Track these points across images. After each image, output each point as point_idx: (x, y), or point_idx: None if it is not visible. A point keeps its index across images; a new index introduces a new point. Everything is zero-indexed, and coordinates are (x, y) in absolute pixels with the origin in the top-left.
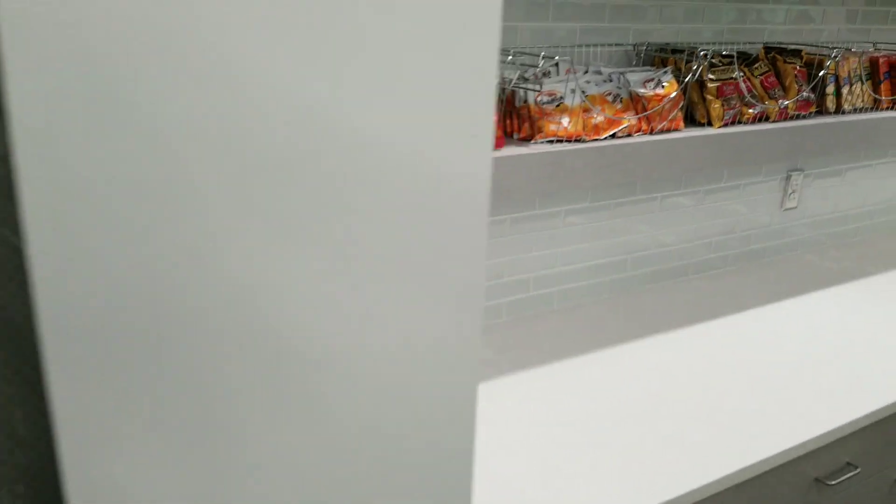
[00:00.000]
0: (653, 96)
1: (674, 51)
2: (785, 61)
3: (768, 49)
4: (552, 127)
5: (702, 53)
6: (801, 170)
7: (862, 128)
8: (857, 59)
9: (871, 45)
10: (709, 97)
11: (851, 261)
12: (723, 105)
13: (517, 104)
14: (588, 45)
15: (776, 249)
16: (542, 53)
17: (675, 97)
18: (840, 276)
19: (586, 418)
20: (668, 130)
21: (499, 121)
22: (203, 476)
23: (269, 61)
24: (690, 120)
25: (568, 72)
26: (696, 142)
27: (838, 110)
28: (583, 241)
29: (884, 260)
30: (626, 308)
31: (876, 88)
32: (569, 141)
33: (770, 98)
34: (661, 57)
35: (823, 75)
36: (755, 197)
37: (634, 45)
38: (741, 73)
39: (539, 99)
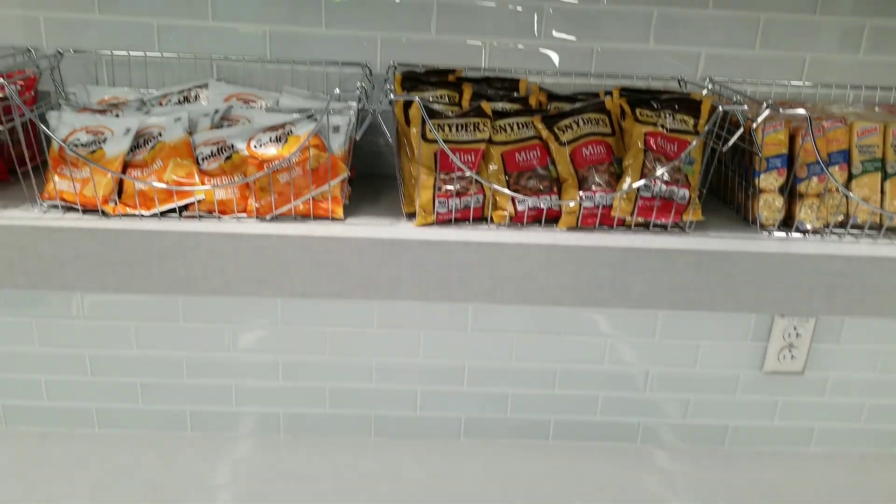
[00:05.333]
0: (247, 158)
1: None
2: (636, 117)
3: (625, 92)
4: (63, 185)
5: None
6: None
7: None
8: (879, 124)
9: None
10: (423, 172)
11: None
12: (438, 187)
13: (46, 142)
14: (281, 62)
15: (746, 438)
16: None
17: (301, 160)
18: None
19: None
20: (305, 217)
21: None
22: None
23: None
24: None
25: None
26: (331, 246)
27: (790, 225)
28: None
29: None
30: None
31: None
32: (77, 210)
33: (587, 185)
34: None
35: (715, 151)
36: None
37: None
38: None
39: (74, 138)
